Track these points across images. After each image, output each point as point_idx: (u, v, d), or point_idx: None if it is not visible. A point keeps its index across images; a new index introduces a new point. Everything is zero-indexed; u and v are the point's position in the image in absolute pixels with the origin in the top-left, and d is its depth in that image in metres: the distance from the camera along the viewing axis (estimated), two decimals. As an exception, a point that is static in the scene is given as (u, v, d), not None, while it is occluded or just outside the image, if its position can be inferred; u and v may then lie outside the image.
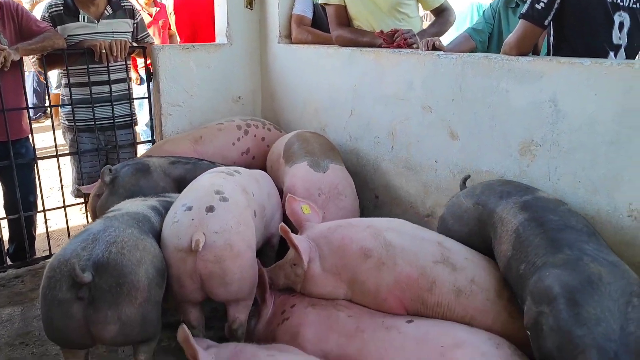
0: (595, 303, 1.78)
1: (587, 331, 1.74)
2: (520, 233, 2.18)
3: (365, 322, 2.34)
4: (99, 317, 2.15)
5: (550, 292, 1.88)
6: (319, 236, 2.59)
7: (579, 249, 1.98)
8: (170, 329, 3.07)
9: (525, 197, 2.34)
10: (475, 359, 2.02)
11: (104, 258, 2.18)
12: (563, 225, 2.12)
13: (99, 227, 2.35)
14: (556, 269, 1.92)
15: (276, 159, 3.60)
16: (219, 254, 2.36)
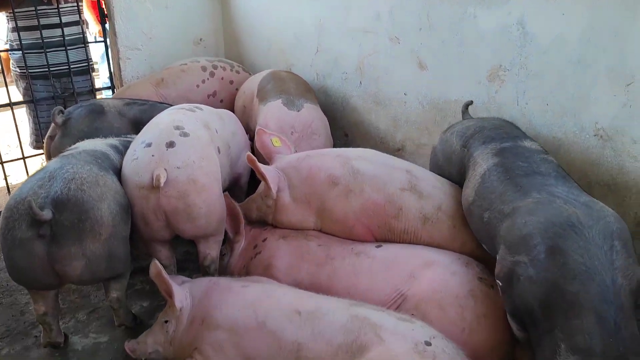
0: (582, 250, 1.63)
1: (581, 287, 1.59)
2: (485, 179, 2.11)
3: (335, 250, 2.35)
4: (63, 254, 2.11)
5: (528, 239, 1.73)
6: (288, 166, 2.57)
7: (548, 192, 1.86)
8: (143, 273, 3.06)
9: (505, 143, 2.23)
10: (446, 277, 2.06)
11: (64, 195, 2.12)
12: (530, 171, 2.01)
13: (55, 165, 2.28)
14: (530, 214, 1.79)
15: (250, 97, 3.51)
16: (182, 189, 2.31)
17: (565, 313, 1.60)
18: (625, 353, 1.51)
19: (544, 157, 2.13)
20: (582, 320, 1.56)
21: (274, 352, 1.94)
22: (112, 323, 2.61)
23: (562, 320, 1.61)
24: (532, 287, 1.68)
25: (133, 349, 2.25)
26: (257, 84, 3.45)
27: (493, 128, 2.38)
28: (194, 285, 2.25)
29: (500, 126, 2.41)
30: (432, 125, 3.08)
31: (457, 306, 1.98)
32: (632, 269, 1.63)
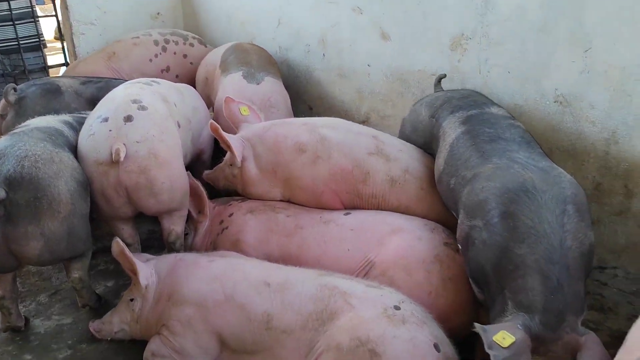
0: (533, 214, 1.69)
1: (528, 250, 1.65)
2: (453, 147, 2.14)
3: (303, 220, 2.35)
4: (19, 234, 2.03)
5: (484, 204, 1.80)
6: (253, 135, 2.54)
7: (508, 158, 1.90)
8: (107, 253, 2.98)
9: (472, 111, 2.26)
10: (412, 243, 2.08)
11: (17, 173, 2.03)
12: (495, 137, 2.04)
13: (6, 143, 2.17)
14: (488, 180, 1.85)
15: (212, 69, 3.43)
16: (142, 164, 2.24)
17: (513, 274, 1.67)
18: (564, 310, 1.58)
19: (511, 123, 2.16)
20: (527, 279, 1.63)
21: (244, 324, 1.92)
22: (75, 304, 2.54)
23: (510, 281, 1.67)
24: (485, 250, 1.75)
25: (98, 329, 2.20)
26: (221, 56, 3.38)
27: (461, 97, 2.40)
28: (159, 262, 2.21)
29: (468, 95, 2.43)
30: (396, 97, 3.08)
31: (423, 270, 2.01)
32: (583, 232, 1.69)
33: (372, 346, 1.67)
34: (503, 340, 1.47)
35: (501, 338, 1.48)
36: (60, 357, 2.26)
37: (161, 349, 2.04)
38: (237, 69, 3.13)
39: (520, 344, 1.49)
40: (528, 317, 1.57)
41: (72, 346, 2.32)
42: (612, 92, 2.26)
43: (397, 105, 3.09)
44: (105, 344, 2.32)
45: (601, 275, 2.56)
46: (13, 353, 2.29)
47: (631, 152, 2.28)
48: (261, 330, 1.89)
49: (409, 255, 2.04)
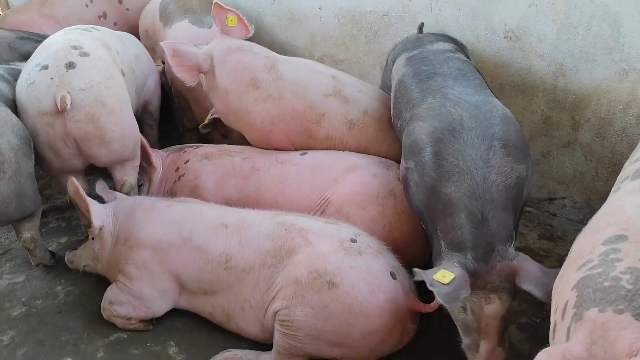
0: (457, 153, 1.71)
1: (454, 188, 1.68)
2: (397, 89, 2.15)
3: (259, 162, 2.32)
4: None
5: (414, 146, 1.83)
6: (219, 54, 2.39)
7: (441, 95, 1.90)
8: (58, 210, 2.91)
9: (413, 51, 2.24)
10: (367, 179, 2.09)
11: None
12: (432, 74, 2.03)
13: None
14: (419, 121, 1.87)
15: (151, 21, 3.28)
16: (90, 113, 2.13)
17: (442, 213, 1.70)
18: (492, 241, 1.62)
19: (449, 56, 2.16)
20: (454, 217, 1.66)
21: (202, 265, 1.92)
22: (27, 263, 2.48)
23: (441, 221, 1.71)
24: (417, 191, 1.80)
25: (71, 260, 2.23)
26: (158, 7, 3.24)
27: (412, 40, 2.39)
28: (118, 203, 2.17)
29: (420, 37, 2.41)
30: (349, 40, 3.04)
31: (377, 205, 2.03)
32: (509, 166, 1.70)
33: (330, 277, 1.70)
34: (443, 277, 1.53)
35: (441, 276, 1.53)
36: (14, 314, 2.22)
37: (118, 295, 2.02)
38: (182, 17, 3.01)
39: (459, 279, 1.54)
40: (462, 255, 1.61)
41: (26, 303, 2.28)
42: (559, 25, 2.29)
43: (350, 48, 3.06)
44: (62, 299, 2.28)
45: (550, 205, 2.65)
46: (-36, 314, 2.23)
47: (578, 84, 2.34)
48: (220, 270, 1.90)
49: (364, 191, 2.06)
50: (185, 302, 2.04)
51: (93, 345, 2.04)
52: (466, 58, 2.21)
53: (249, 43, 2.49)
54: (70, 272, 2.34)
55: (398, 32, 2.78)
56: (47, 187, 3.14)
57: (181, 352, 2.00)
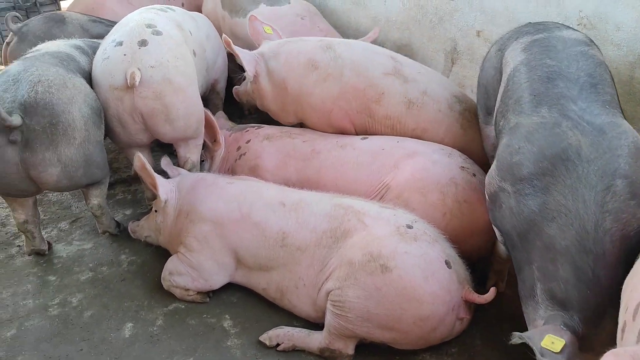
0: (567, 190, 1.46)
1: (558, 232, 1.45)
2: (509, 81, 1.83)
3: (320, 144, 2.34)
4: (37, 159, 2.04)
5: (516, 168, 1.59)
6: (269, 51, 2.52)
7: (559, 109, 1.60)
8: (125, 183, 3.04)
9: (538, 35, 1.89)
10: (427, 165, 2.07)
11: (31, 98, 2.01)
12: (555, 73, 1.70)
13: (18, 68, 2.14)
14: (526, 140, 1.60)
15: (212, 9, 3.32)
16: (157, 90, 2.21)
17: (541, 254, 1.50)
18: (604, 304, 1.39)
19: (582, 51, 1.79)
20: (557, 267, 1.45)
21: (260, 241, 1.97)
22: (95, 231, 2.61)
23: (539, 260, 1.51)
24: (512, 218, 1.59)
25: (133, 230, 2.34)
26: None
27: (533, 24, 2.05)
28: (182, 179, 2.25)
29: (542, 22, 2.06)
30: (413, 24, 2.99)
31: (438, 192, 2.00)
32: (630, 212, 1.43)
33: (383, 261, 1.70)
34: (552, 345, 1.35)
35: (550, 343, 1.36)
36: (82, 279, 2.34)
37: (178, 266, 2.10)
38: (255, 3, 3.08)
39: (570, 346, 1.36)
40: (567, 316, 1.40)
41: (93, 269, 2.40)
42: (639, 12, 2.17)
43: (414, 33, 3.01)
44: (125, 267, 2.39)
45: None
46: (38, 275, 2.38)
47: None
48: (276, 248, 1.94)
49: (424, 178, 2.04)
50: (241, 277, 2.09)
51: (153, 313, 2.14)
52: (601, 57, 1.86)
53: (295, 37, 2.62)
54: (134, 242, 2.45)
55: (464, 17, 2.72)
56: (115, 161, 3.29)
57: (235, 326, 2.06)
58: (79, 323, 2.11)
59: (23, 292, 2.27)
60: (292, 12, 2.93)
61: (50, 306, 2.19)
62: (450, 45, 2.83)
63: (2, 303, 2.21)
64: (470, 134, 2.30)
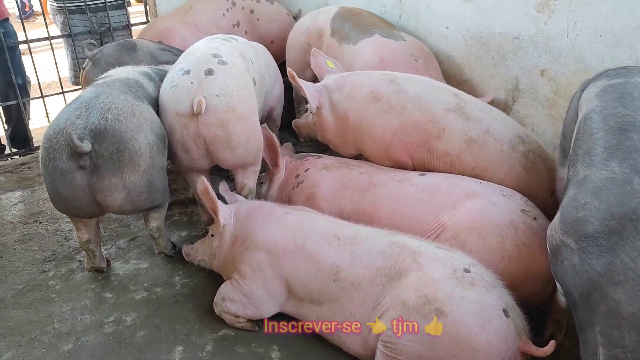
0: (637, 253, 1.36)
1: (625, 297, 1.35)
2: (580, 128, 1.75)
3: (377, 177, 2.35)
4: (103, 184, 2.13)
5: (581, 225, 1.50)
6: (333, 83, 2.58)
7: (631, 165, 1.50)
8: (181, 205, 3.12)
9: (615, 80, 1.81)
10: (487, 207, 2.03)
11: (101, 125, 2.11)
12: (628, 124, 1.60)
13: (90, 94, 2.25)
14: (594, 195, 1.51)
15: (316, 38, 3.33)
16: (221, 117, 2.29)
17: (606, 318, 1.40)
18: None
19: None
20: (623, 335, 1.34)
21: (312, 273, 1.97)
22: (151, 250, 2.68)
23: (602, 324, 1.41)
24: (575, 276, 1.50)
25: (187, 252, 2.38)
26: (329, 24, 3.28)
27: (616, 68, 1.95)
28: (240, 205, 2.30)
29: (626, 67, 1.96)
30: (474, 60, 2.97)
31: (497, 235, 1.95)
32: None
33: (438, 305, 1.66)
34: None
35: None
36: (137, 298, 2.40)
37: (231, 293, 2.13)
38: (369, 33, 3.02)
39: None
40: None
41: (147, 289, 2.46)
42: None
43: (474, 69, 2.99)
44: (178, 289, 2.44)
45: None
46: (96, 291, 2.46)
47: None
48: (329, 281, 1.93)
49: (483, 219, 2.00)
50: (291, 308, 2.09)
51: (203, 338, 2.16)
52: None
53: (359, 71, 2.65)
54: (187, 265, 2.49)
55: (528, 55, 2.67)
56: (173, 182, 3.38)
57: (283, 357, 2.05)
58: (131, 342, 2.16)
59: (81, 307, 2.36)
60: (407, 50, 2.89)
61: (105, 323, 2.26)
62: (512, 83, 2.79)
63: (62, 317, 2.30)
64: (533, 176, 2.25)
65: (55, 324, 2.26)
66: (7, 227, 2.97)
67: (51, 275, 2.57)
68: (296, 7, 4.20)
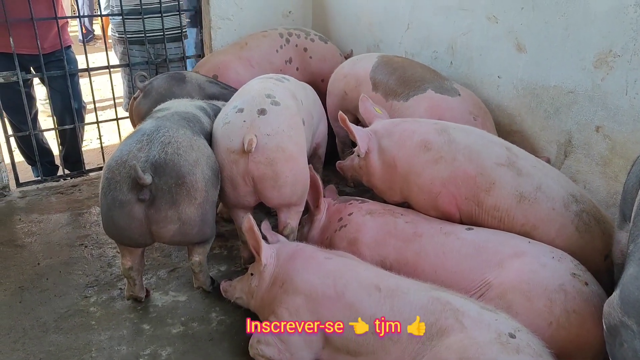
0: None
1: None
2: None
3: (423, 227, 2.31)
4: (160, 217, 2.18)
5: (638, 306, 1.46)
6: (382, 129, 2.58)
7: None
8: (222, 238, 3.15)
9: None
10: (535, 269, 1.95)
11: (162, 159, 2.17)
12: None
13: (151, 127, 2.32)
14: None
15: (354, 87, 3.29)
16: (271, 156, 2.33)
17: None
18: None
19: None
20: None
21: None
22: (190, 283, 2.69)
23: None
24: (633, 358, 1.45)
25: (225, 289, 2.38)
26: (369, 75, 3.22)
27: None
28: (282, 246, 2.29)
29: None
30: (526, 112, 2.93)
31: (545, 299, 1.88)
32: None
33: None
34: None
35: None
36: (173, 332, 2.41)
37: (267, 335, 2.10)
38: (421, 89, 2.94)
39: None
40: None
41: (184, 323, 2.47)
42: None
43: (525, 120, 2.94)
44: (214, 326, 2.44)
45: None
46: (134, 321, 2.48)
47: None
48: (367, 333, 1.89)
49: (531, 281, 1.92)
50: (327, 357, 2.05)
51: (236, 379, 2.15)
52: None
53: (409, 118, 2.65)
54: (225, 301, 2.48)
55: (583, 111, 2.62)
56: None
57: (315, 406, 2.02)
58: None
59: (119, 337, 2.38)
60: (464, 107, 2.82)
61: (141, 356, 2.27)
62: (565, 137, 2.73)
63: (100, 345, 2.32)
64: (587, 238, 2.17)
65: (92, 353, 2.28)
66: (54, 249, 3.05)
67: (92, 301, 2.61)
68: (348, 48, 4.25)
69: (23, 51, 3.68)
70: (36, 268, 2.87)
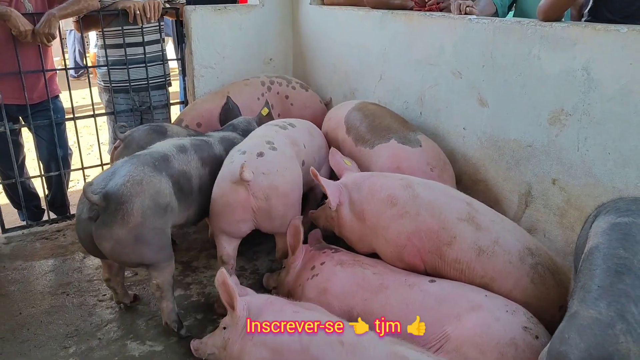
0: None
1: None
2: (584, 261, 1.82)
3: (389, 279, 2.42)
4: (98, 233, 2.49)
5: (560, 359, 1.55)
6: (352, 183, 2.75)
7: (617, 309, 1.53)
8: (200, 285, 3.25)
9: (622, 218, 1.87)
10: (489, 322, 2.07)
11: (112, 188, 2.49)
12: (624, 267, 1.66)
13: (121, 163, 2.67)
14: (577, 333, 1.54)
15: (333, 129, 3.51)
16: (265, 192, 2.67)
17: None
18: None
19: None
20: None
21: (314, 378, 2.02)
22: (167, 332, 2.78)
23: None
24: None
25: (197, 347, 2.43)
26: (344, 118, 3.42)
27: (629, 201, 2.03)
28: (252, 299, 2.36)
29: (637, 200, 2.04)
30: (489, 163, 3.08)
31: (497, 352, 1.99)
32: None
33: None
34: None
35: None
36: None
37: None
38: (385, 138, 3.10)
39: None
40: None
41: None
42: None
43: (489, 170, 3.09)
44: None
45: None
46: (112, 370, 2.55)
47: None
48: (329, 387, 1.98)
49: (484, 334, 2.04)
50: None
51: None
52: None
53: (377, 172, 2.84)
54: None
55: (540, 164, 2.77)
56: (194, 259, 3.53)
57: None
58: None
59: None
60: (423, 158, 2.97)
61: (117, 407, 2.34)
62: (525, 188, 2.88)
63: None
64: (542, 289, 2.30)
65: (70, 405, 2.36)
66: (37, 298, 3.13)
67: (71, 352, 2.68)
68: (327, 95, 4.43)
69: (11, 101, 3.81)
70: (17, 318, 2.94)
